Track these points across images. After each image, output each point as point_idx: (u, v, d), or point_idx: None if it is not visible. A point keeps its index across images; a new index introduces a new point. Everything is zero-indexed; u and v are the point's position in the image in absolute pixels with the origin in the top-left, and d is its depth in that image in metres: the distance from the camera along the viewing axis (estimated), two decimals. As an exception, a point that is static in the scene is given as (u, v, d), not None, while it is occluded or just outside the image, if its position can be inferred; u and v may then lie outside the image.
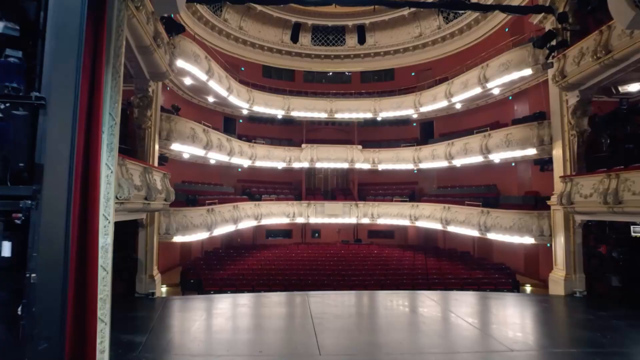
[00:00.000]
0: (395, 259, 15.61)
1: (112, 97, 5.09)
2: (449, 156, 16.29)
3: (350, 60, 23.19)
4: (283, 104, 19.98)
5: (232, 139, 16.02)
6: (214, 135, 14.13)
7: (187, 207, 11.88)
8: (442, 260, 15.56)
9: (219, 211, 13.59)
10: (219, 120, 19.37)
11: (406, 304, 9.43)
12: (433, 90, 18.17)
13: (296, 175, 21.38)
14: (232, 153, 15.77)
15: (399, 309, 9.19)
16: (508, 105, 16.04)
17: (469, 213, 14.16)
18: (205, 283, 11.58)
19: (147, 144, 9.92)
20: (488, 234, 13.09)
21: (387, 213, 18.62)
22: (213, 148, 13.87)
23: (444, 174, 19.49)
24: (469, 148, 14.99)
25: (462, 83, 15.83)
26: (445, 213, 15.49)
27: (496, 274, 13.17)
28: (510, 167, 15.53)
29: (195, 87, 15.26)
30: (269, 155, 18.89)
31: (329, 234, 21.39)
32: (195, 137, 12.52)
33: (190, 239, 11.82)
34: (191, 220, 11.74)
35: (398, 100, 19.85)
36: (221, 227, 13.64)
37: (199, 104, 17.98)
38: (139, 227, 9.84)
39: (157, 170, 8.56)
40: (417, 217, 17.35)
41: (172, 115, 11.52)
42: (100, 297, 4.55)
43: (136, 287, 9.72)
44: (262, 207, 17.40)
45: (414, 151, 18.73)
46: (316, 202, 19.13)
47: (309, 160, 19.52)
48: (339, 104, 20.60)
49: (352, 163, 19.70)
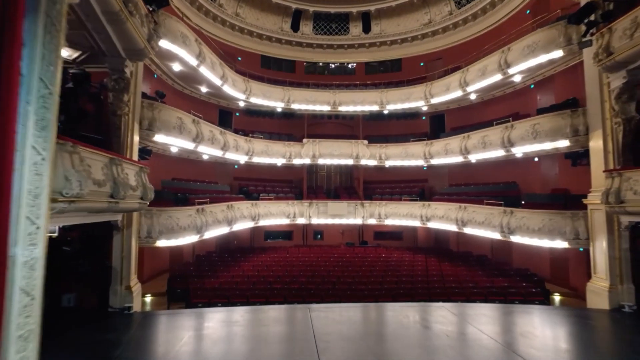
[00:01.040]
0: (406, 264, 14.19)
1: (45, 58, 3.66)
2: (465, 151, 14.86)
3: (355, 50, 21.78)
4: (283, 95, 18.57)
5: (226, 132, 14.62)
6: (206, 127, 12.74)
7: (172, 207, 10.49)
8: (457, 265, 14.14)
9: (211, 211, 12.20)
10: (213, 113, 17.98)
11: (427, 321, 8.00)
12: (446, 79, 16.74)
13: (297, 172, 19.99)
14: (226, 147, 14.37)
15: (419, 327, 7.77)
16: (529, 94, 14.60)
17: (489, 213, 12.74)
18: (193, 294, 10.18)
19: (124, 134, 8.57)
20: (512, 236, 11.66)
21: (396, 213, 17.20)
22: (204, 141, 12.47)
23: (457, 171, 18.06)
24: (488, 141, 13.56)
25: (479, 70, 14.39)
26: (461, 213, 14.07)
27: (522, 282, 11.73)
28: (533, 162, 14.10)
29: (186, 74, 13.87)
30: (267, 150, 17.49)
31: (333, 236, 19.98)
32: (183, 128, 11.13)
33: (176, 243, 10.44)
34: (177, 222, 10.35)
35: (407, 92, 18.42)
36: (213, 229, 12.25)
37: (191, 95, 16.60)
38: (114, 230, 8.47)
39: (129, 163, 7.17)
40: (429, 217, 15.92)
41: (155, 103, 10.13)
42: (19, 334, 3.15)
43: (110, 300, 8.35)
44: (259, 206, 16.00)
45: (424, 146, 17.30)
46: (318, 202, 17.74)
47: (310, 156, 18.12)
48: (343, 96, 19.20)
49: (357, 159, 18.29)
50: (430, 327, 7.41)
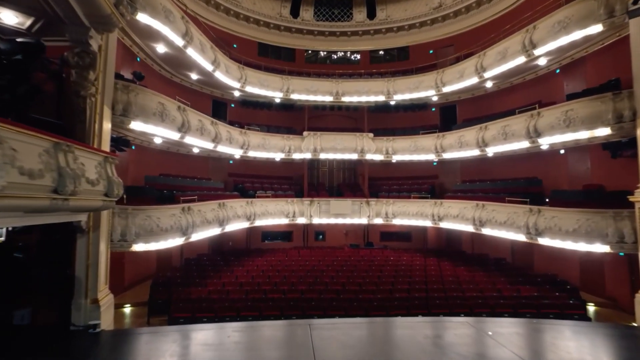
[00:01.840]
0: (417, 268, 12.80)
1: None
2: (482, 143, 13.44)
3: (359, 37, 20.35)
4: (281, 84, 17.17)
5: (218, 123, 13.22)
6: (194, 116, 11.35)
7: (152, 206, 9.11)
8: (474, 270, 12.74)
9: (199, 210, 10.82)
10: (206, 103, 16.59)
11: (450, 342, 6.59)
12: (459, 65, 15.31)
13: (297, 168, 18.59)
14: (218, 139, 12.98)
15: (441, 350, 6.36)
16: (553, 80, 13.16)
17: (511, 212, 11.33)
18: (174, 306, 8.80)
19: (90, 119, 7.21)
20: (540, 238, 10.26)
21: (405, 212, 15.80)
22: (191, 131, 11.08)
23: (470, 166, 16.64)
24: (509, 132, 12.14)
25: (499, 53, 12.96)
26: (479, 212, 12.66)
27: (555, 291, 10.30)
28: (558, 155, 12.67)
29: (172, 58, 12.47)
30: (264, 144, 16.10)
31: (335, 237, 18.60)
32: (166, 115, 9.74)
33: (157, 246, 9.06)
34: (158, 223, 8.97)
35: (416, 80, 17.00)
36: (202, 231, 10.88)
37: (181, 84, 15.21)
38: (77, 234, 7.11)
39: (87, 151, 5.78)
40: (442, 216, 14.52)
41: (131, 85, 8.73)
42: None
43: (72, 316, 6.99)
44: (255, 205, 14.61)
45: (435, 139, 15.88)
46: (320, 200, 16.35)
47: (311, 151, 16.72)
48: (347, 86, 17.78)
49: (362, 154, 16.88)
50: (455, 349, 5.98)
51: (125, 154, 11.80)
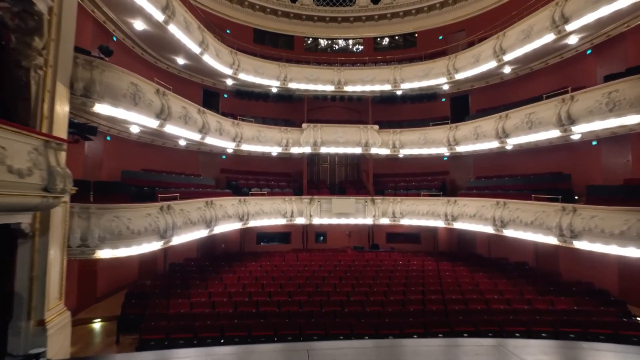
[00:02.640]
0: (430, 274, 11.37)
1: None
2: (502, 133, 11.98)
3: (362, 23, 18.90)
4: (278, 72, 15.73)
5: (206, 111, 11.78)
6: (176, 102, 9.91)
7: (123, 204, 7.67)
8: (495, 276, 11.30)
9: (182, 210, 9.40)
10: (196, 93, 15.14)
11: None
12: (475, 49, 13.86)
13: (295, 164, 17.16)
14: (206, 130, 11.54)
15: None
16: (583, 63, 11.70)
17: (539, 211, 9.89)
18: (147, 325, 7.35)
19: (37, 97, 5.79)
20: (576, 241, 8.81)
21: (414, 211, 14.36)
22: (173, 119, 9.65)
23: (485, 161, 15.18)
24: (535, 120, 10.69)
25: (522, 32, 11.50)
26: (500, 211, 11.21)
27: (598, 304, 8.83)
28: (590, 147, 11.22)
29: (153, 37, 11.03)
30: (259, 136, 14.65)
31: (337, 238, 17.17)
32: (140, 98, 8.30)
33: (128, 252, 7.64)
34: (129, 224, 7.55)
35: (425, 67, 15.55)
36: (185, 233, 9.46)
37: (168, 70, 13.78)
38: (19, 239, 5.70)
39: (12, 131, 4.36)
40: (456, 216, 13.07)
41: (95, 60, 7.30)
42: None
43: (8, 343, 5.58)
44: (249, 203, 13.18)
45: (448, 130, 14.42)
46: (321, 198, 14.91)
47: (311, 144, 15.28)
48: (349, 74, 16.34)
49: (367, 147, 15.43)
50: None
51: (98, 146, 10.39)
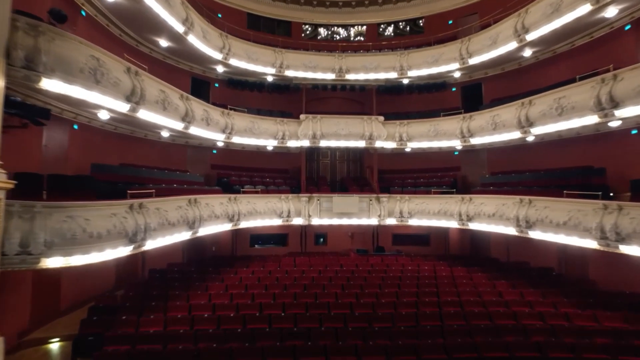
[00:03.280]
0: (445, 282, 9.99)
1: None
2: (525, 122, 10.59)
3: (364, 9, 17.52)
4: (274, 59, 14.36)
5: (190, 98, 10.41)
6: (152, 83, 8.53)
7: (80, 202, 6.29)
8: (520, 285, 9.92)
9: (157, 209, 8.02)
10: (183, 81, 13.74)
11: None
12: (491, 30, 12.48)
13: (293, 160, 15.77)
14: (189, 118, 10.17)
15: None
16: (620, 40, 10.28)
17: (574, 210, 8.50)
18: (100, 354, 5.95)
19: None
20: (624, 246, 7.43)
21: (424, 210, 12.98)
22: (148, 103, 8.28)
23: (501, 155, 13.77)
24: (567, 105, 9.30)
25: (549, 6, 10.11)
26: (524, 210, 9.83)
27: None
28: (628, 136, 9.82)
29: (127, 11, 9.63)
30: (253, 128, 13.28)
31: (339, 240, 15.79)
32: (103, 76, 6.93)
33: (86, 260, 6.27)
34: (86, 226, 6.17)
35: (435, 52, 14.17)
36: (162, 236, 8.09)
37: (151, 55, 12.39)
38: None
39: None
40: (472, 216, 11.69)
41: (42, 25, 5.92)
42: None
43: None
44: (240, 202, 11.80)
45: (461, 121, 13.03)
46: (321, 196, 13.52)
47: (310, 137, 13.89)
48: (352, 61, 14.98)
49: (371, 140, 14.05)
50: None
51: (62, 135, 9.00)
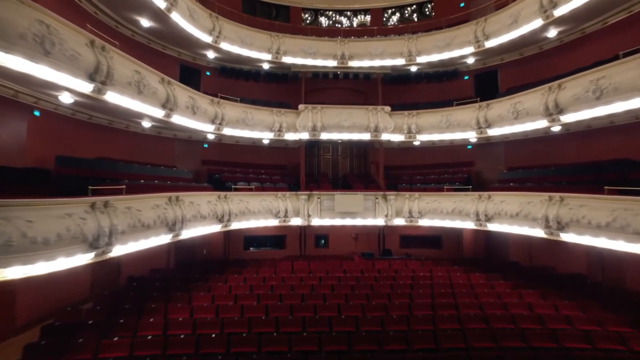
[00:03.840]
0: (464, 292, 8.72)
1: None
2: (554, 108, 9.28)
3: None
4: (270, 44, 13.11)
5: (173, 82, 9.16)
6: (123, 62, 7.29)
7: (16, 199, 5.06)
8: (550, 297, 8.63)
9: (128, 208, 6.79)
10: (171, 69, 12.53)
11: None
12: (513, 7, 11.16)
13: (292, 155, 14.50)
14: (171, 105, 8.92)
15: None
16: (661, 16, 9.01)
17: (620, 209, 7.20)
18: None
19: None
20: (687, 252, 6.14)
21: (436, 209, 11.69)
22: (118, 85, 7.04)
23: (520, 148, 12.46)
24: (608, 87, 7.99)
25: (583, -27, 8.83)
26: (554, 209, 8.53)
27: None
28: (675, 124, 8.54)
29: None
30: (246, 119, 12.03)
31: (342, 242, 14.52)
32: (54, 46, 5.68)
33: (26, 272, 5.04)
34: (27, 230, 4.95)
35: (447, 36, 12.88)
36: (134, 240, 6.85)
37: (133, 38, 11.16)
38: None
39: None
40: (491, 215, 10.39)
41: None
42: None
43: None
44: (231, 201, 10.56)
45: (476, 110, 11.73)
46: (321, 194, 12.26)
47: (309, 129, 12.63)
48: (355, 47, 13.71)
49: (377, 133, 12.77)
50: None
51: (19, 123, 7.78)
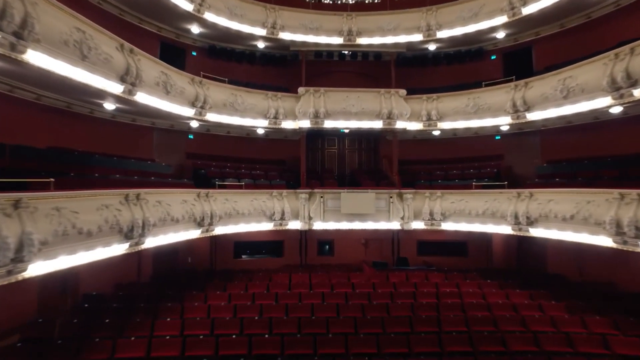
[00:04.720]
0: (507, 318, 6.77)
1: None
2: (623, 80, 7.22)
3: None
4: (265, 17, 11.23)
5: (137, 52, 7.25)
6: (58, 15, 5.43)
7: None
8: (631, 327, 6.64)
9: (57, 209, 4.93)
10: (150, 47, 10.53)
11: None
12: (558, -38, 9.17)
13: (291, 148, 12.53)
14: (133, 79, 7.05)
15: None
16: None
17: None
18: None
19: None
20: None
21: (463, 211, 9.70)
22: (47, 44, 5.16)
23: (559, 137, 10.44)
24: None
25: None
26: (629, 210, 6.50)
27: None
28: None
29: None
30: (235, 103, 10.13)
31: (349, 250, 12.52)
32: None
33: None
34: None
35: (473, 4, 10.91)
36: (66, 254, 5.01)
37: (102, 8, 9.32)
38: None
39: None
40: (535, 218, 8.36)
41: None
42: None
43: None
44: (215, 200, 8.67)
45: (512, 90, 9.71)
46: (325, 192, 10.33)
47: (311, 116, 10.71)
48: (364, 21, 11.80)
49: (390, 120, 10.82)
50: None
51: None
